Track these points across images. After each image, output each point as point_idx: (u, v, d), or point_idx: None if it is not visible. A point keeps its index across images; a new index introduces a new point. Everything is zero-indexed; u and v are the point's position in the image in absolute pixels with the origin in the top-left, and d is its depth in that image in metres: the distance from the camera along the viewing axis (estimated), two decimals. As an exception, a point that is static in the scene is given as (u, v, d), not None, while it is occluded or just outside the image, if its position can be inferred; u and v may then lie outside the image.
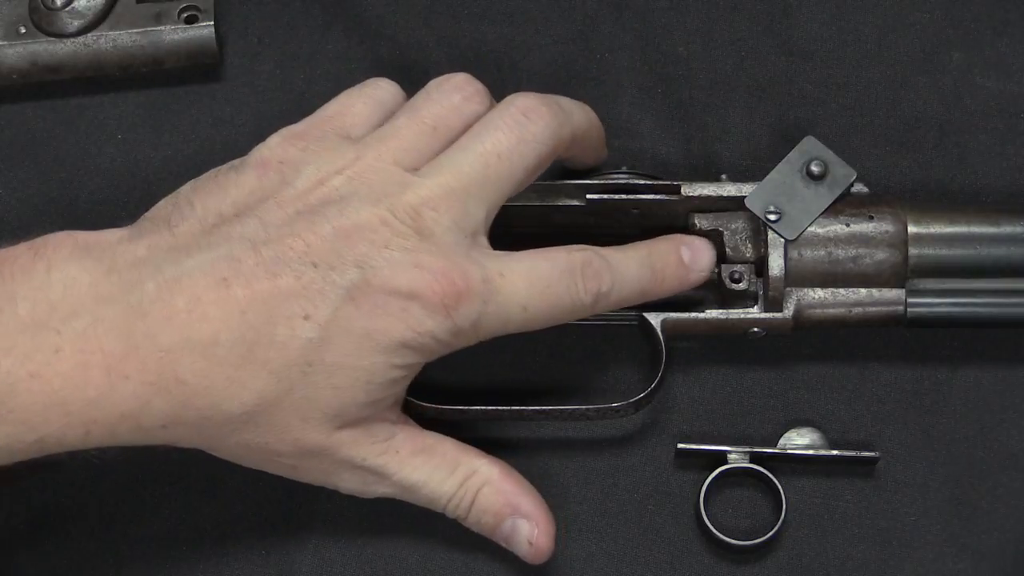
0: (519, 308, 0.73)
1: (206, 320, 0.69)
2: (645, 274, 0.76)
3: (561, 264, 0.74)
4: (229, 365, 0.69)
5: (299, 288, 0.70)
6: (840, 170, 0.81)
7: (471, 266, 0.72)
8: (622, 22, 0.90)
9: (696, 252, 0.78)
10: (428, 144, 0.74)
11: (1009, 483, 0.82)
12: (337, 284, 0.70)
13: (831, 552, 0.81)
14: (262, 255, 0.70)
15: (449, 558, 0.81)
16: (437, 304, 0.71)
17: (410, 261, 0.71)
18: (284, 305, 0.70)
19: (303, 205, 0.72)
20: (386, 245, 0.71)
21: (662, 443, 0.83)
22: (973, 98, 0.88)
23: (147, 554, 0.81)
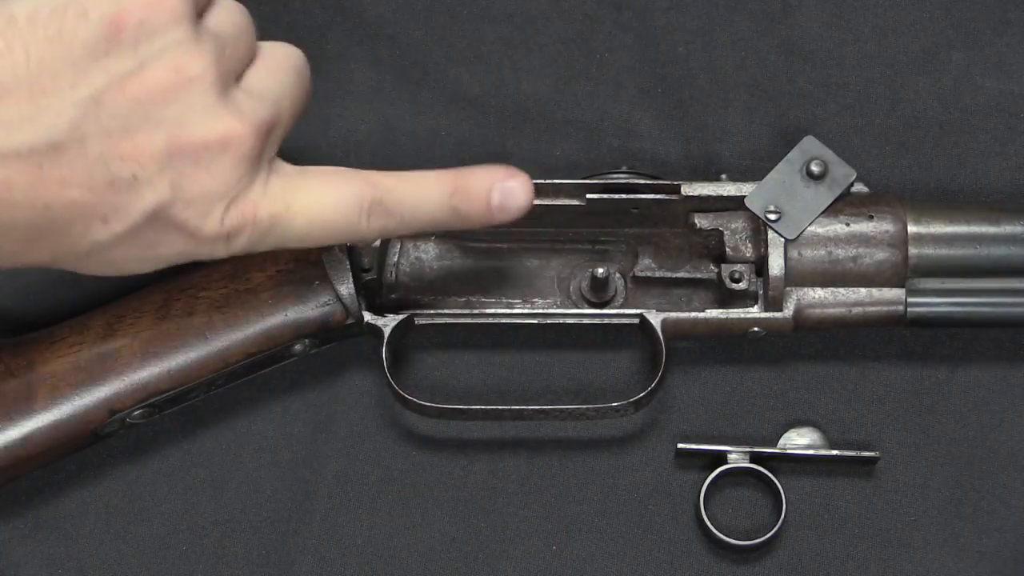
0: (296, 239, 0.70)
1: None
2: (443, 213, 0.72)
3: (350, 201, 0.70)
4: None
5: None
6: (840, 170, 0.81)
7: (262, 196, 0.69)
8: (622, 22, 0.90)
9: (508, 197, 0.72)
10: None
11: (1009, 483, 0.82)
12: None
13: (831, 552, 0.81)
14: (87, 151, 0.66)
15: (449, 558, 0.81)
16: (216, 235, 0.68)
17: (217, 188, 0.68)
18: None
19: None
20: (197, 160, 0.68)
21: (662, 443, 0.83)
22: (973, 98, 0.88)
23: (147, 554, 0.81)
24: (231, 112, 0.66)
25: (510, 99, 0.88)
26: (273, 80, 0.69)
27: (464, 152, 0.88)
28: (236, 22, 0.68)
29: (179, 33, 0.65)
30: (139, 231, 0.67)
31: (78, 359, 0.78)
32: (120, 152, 0.65)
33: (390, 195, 0.71)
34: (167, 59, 0.65)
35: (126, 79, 0.64)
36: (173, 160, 0.65)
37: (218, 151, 0.66)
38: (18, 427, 0.77)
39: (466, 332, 0.84)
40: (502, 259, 0.83)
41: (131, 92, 0.64)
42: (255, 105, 0.67)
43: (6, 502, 0.82)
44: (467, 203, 0.72)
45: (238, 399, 0.83)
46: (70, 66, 0.63)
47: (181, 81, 0.65)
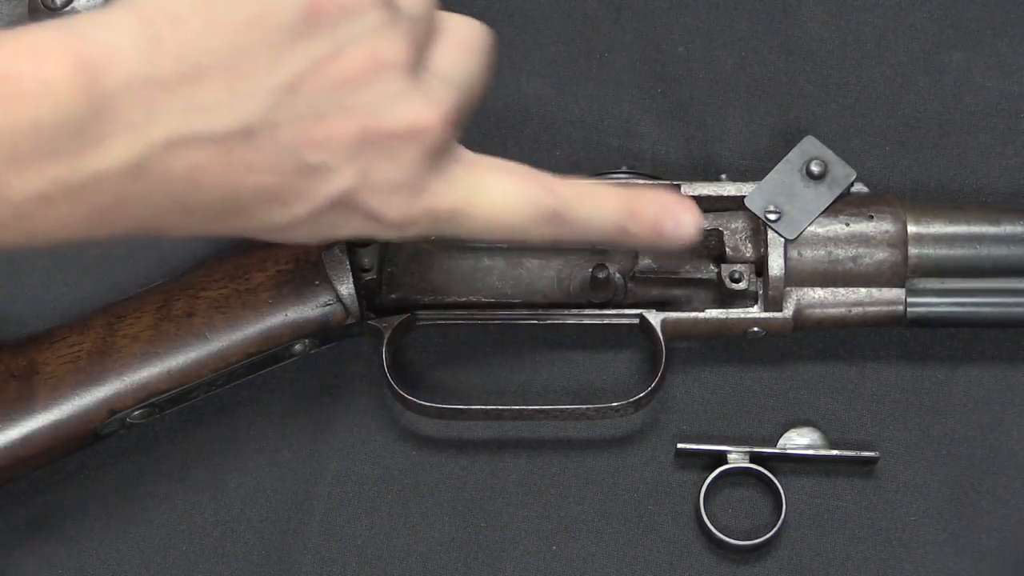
0: (468, 233, 0.69)
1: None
2: (613, 231, 0.71)
3: (529, 207, 0.69)
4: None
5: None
6: (840, 170, 0.81)
7: (446, 189, 0.68)
8: (622, 22, 0.90)
9: (679, 229, 0.72)
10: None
11: (1009, 483, 0.82)
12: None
13: (831, 552, 0.81)
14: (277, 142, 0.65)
15: (449, 558, 0.81)
16: (395, 222, 0.67)
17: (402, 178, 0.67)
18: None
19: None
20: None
21: (662, 443, 0.83)
22: (973, 98, 0.88)
23: (147, 554, 0.81)
24: (423, 100, 0.64)
25: (510, 99, 0.88)
26: (461, 61, 0.67)
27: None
28: (424, 1, 0.66)
29: (376, 17, 0.63)
30: (320, 215, 0.66)
31: (78, 359, 0.78)
32: (311, 139, 0.63)
33: (569, 207, 0.69)
34: (364, 44, 0.63)
35: (322, 64, 0.62)
36: (362, 148, 0.64)
37: (408, 140, 0.64)
38: (18, 427, 0.77)
39: (466, 332, 0.84)
40: (502, 259, 0.83)
41: (326, 78, 0.62)
42: (445, 91, 0.66)
43: (6, 502, 0.82)
44: (639, 227, 0.70)
45: (238, 399, 0.83)
46: (268, 50, 0.61)
47: (376, 67, 0.63)
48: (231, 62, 0.61)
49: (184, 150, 0.61)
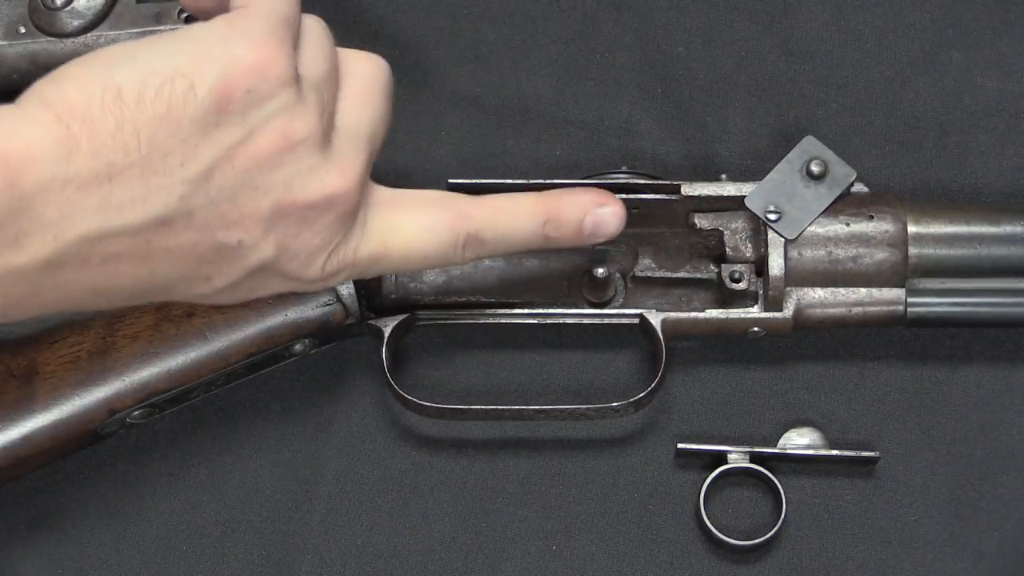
0: (391, 271, 0.71)
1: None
2: (535, 239, 0.72)
3: (446, 237, 0.70)
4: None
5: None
6: (840, 170, 0.81)
7: (362, 241, 0.68)
8: (622, 22, 0.90)
9: (600, 225, 0.72)
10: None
11: (1009, 483, 0.82)
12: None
13: (831, 552, 0.81)
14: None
15: (449, 558, 0.81)
16: (316, 279, 0.68)
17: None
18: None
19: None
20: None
21: (662, 443, 0.83)
22: (973, 98, 0.88)
23: (147, 554, 0.81)
24: (336, 170, 0.65)
25: (510, 99, 0.88)
26: (364, 110, 0.67)
27: (464, 152, 0.88)
28: (325, 55, 0.67)
29: (285, 96, 0.63)
30: (239, 284, 0.66)
31: (78, 359, 0.78)
32: (227, 221, 0.64)
33: (484, 227, 0.70)
34: (274, 125, 0.63)
35: (234, 150, 0.63)
36: (278, 223, 0.65)
37: (323, 209, 0.65)
38: (18, 427, 0.77)
39: (466, 332, 0.84)
40: (502, 259, 0.83)
41: (239, 163, 0.63)
42: (355, 152, 0.66)
43: (6, 502, 0.82)
44: (559, 230, 0.71)
45: (238, 399, 0.83)
46: (180, 143, 0.62)
47: (288, 145, 0.63)
48: (145, 158, 0.62)
49: (100, 244, 0.62)
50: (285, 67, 0.63)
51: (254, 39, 0.63)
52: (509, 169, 0.87)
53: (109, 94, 0.61)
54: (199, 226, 0.63)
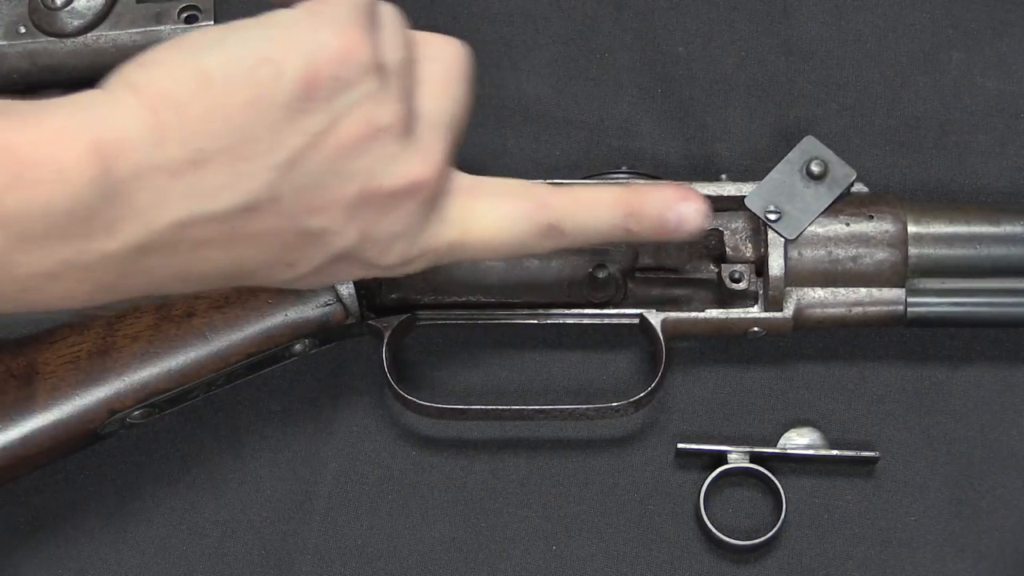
0: (470, 258, 0.70)
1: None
2: (615, 233, 0.71)
3: (526, 226, 0.69)
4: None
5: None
6: (840, 170, 0.81)
7: (443, 228, 0.68)
8: (622, 22, 0.90)
9: (683, 220, 0.70)
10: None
11: (1009, 483, 0.82)
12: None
13: (831, 552, 0.81)
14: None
15: (449, 558, 0.81)
16: (395, 265, 0.68)
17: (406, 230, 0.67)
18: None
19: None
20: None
21: (662, 443, 0.83)
22: (973, 98, 0.88)
23: (147, 554, 0.81)
24: (419, 158, 0.65)
25: (510, 99, 0.88)
26: (446, 97, 0.67)
27: (464, 152, 0.87)
28: (403, 40, 0.66)
29: (369, 84, 0.63)
30: (322, 270, 0.66)
31: (78, 359, 0.78)
32: (311, 207, 0.64)
33: (564, 217, 0.69)
34: (359, 112, 0.63)
35: (320, 137, 0.63)
36: (362, 209, 0.64)
37: (406, 197, 0.65)
38: (18, 427, 0.77)
39: (466, 332, 0.84)
40: (502, 259, 0.83)
41: (325, 150, 0.63)
42: (437, 139, 0.66)
43: (6, 502, 0.82)
44: (640, 225, 0.70)
45: (238, 399, 0.83)
46: (267, 129, 0.62)
47: (372, 133, 0.63)
48: (233, 145, 0.61)
49: (189, 230, 0.62)
50: (369, 54, 0.63)
51: (338, 26, 0.62)
52: (509, 169, 0.87)
53: (197, 80, 0.61)
54: (285, 212, 0.63)
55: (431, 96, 0.67)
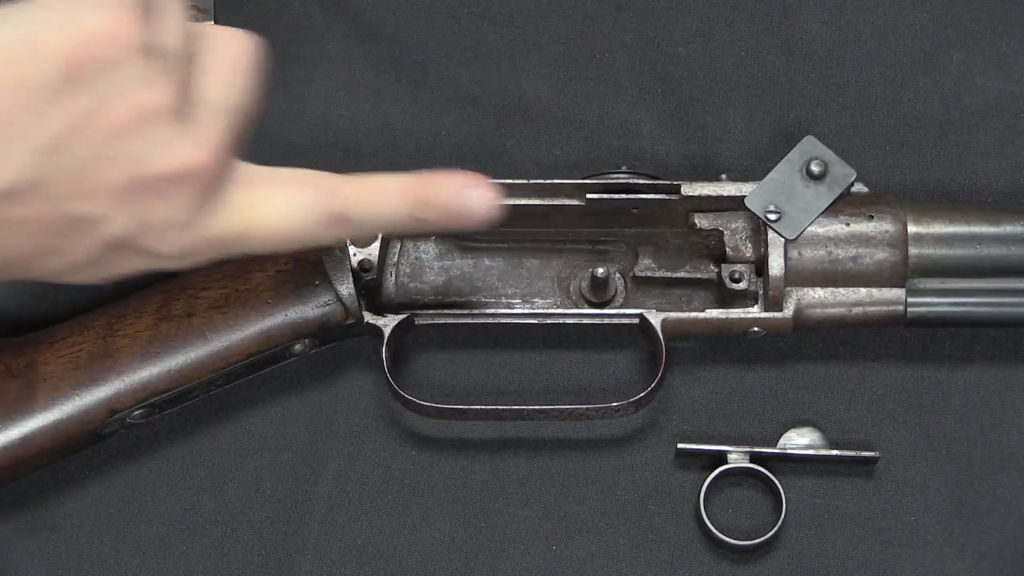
0: (254, 250, 0.68)
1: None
2: (403, 220, 0.70)
3: (311, 215, 0.68)
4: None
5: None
6: (840, 170, 0.81)
7: (224, 217, 0.67)
8: (622, 22, 0.90)
9: (468, 208, 0.69)
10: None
11: (1009, 483, 0.82)
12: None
13: (831, 552, 0.81)
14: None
15: (449, 558, 0.81)
16: (176, 255, 0.66)
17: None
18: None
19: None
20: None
21: (662, 443, 0.83)
22: (973, 98, 0.88)
23: (147, 554, 0.81)
24: (192, 140, 0.64)
25: (510, 99, 0.88)
26: (230, 85, 0.66)
27: (464, 152, 0.88)
28: (180, 27, 0.64)
29: (137, 65, 0.61)
30: (98, 259, 0.65)
31: (78, 359, 0.78)
32: (78, 192, 0.62)
33: (351, 206, 0.68)
34: (127, 94, 0.62)
35: (86, 120, 0.61)
36: (132, 195, 0.63)
37: (180, 182, 0.64)
38: (18, 427, 0.77)
39: (466, 332, 0.84)
40: (502, 259, 0.83)
41: (90, 133, 0.61)
42: (215, 124, 0.64)
43: (6, 502, 0.82)
44: (427, 212, 0.69)
45: (238, 399, 0.83)
46: (28, 112, 0.61)
47: (141, 115, 0.62)
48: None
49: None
50: (137, 34, 0.61)
51: (101, 6, 0.61)
52: (509, 169, 0.87)
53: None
54: (48, 197, 0.62)
55: (213, 85, 0.65)
